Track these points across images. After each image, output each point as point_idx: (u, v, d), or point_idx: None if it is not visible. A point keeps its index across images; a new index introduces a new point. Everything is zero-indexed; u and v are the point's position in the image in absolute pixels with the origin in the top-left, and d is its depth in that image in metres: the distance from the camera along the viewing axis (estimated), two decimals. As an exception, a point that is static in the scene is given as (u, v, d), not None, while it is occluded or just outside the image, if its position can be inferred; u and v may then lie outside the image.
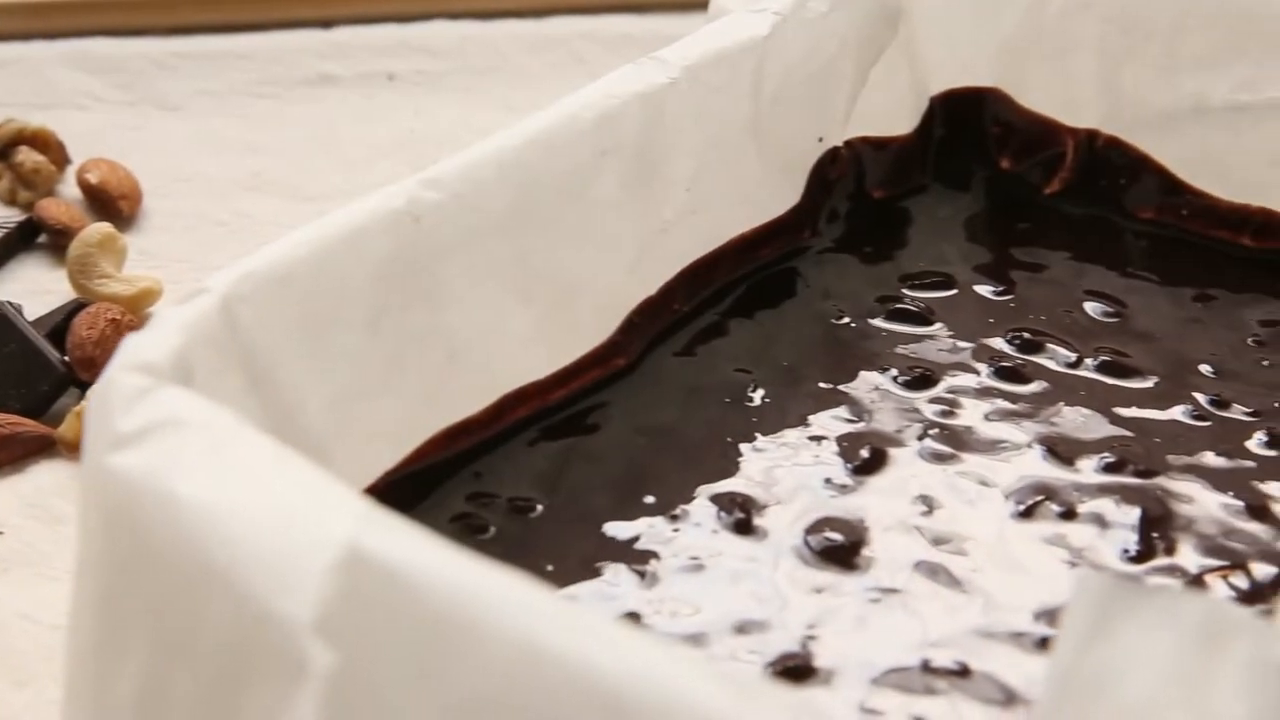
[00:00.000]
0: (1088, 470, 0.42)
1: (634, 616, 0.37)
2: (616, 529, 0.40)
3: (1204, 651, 0.27)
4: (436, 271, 0.40)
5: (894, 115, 0.52)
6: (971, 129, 0.53)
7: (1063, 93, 0.53)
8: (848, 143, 0.51)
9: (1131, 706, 0.27)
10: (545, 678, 0.26)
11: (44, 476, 0.47)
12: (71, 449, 0.48)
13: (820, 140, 0.49)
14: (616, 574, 0.39)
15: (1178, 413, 0.44)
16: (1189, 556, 0.40)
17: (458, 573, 0.27)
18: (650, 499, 0.41)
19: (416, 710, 0.27)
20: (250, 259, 0.36)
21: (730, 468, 0.42)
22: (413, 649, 0.27)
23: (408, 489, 0.40)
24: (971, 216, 0.53)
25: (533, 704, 0.26)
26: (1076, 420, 0.44)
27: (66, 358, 0.50)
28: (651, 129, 0.44)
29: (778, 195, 0.49)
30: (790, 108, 0.48)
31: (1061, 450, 0.43)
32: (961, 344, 0.47)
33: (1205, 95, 0.50)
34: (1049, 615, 0.38)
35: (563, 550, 0.39)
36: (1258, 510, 0.41)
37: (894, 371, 0.45)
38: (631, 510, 0.41)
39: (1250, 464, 0.43)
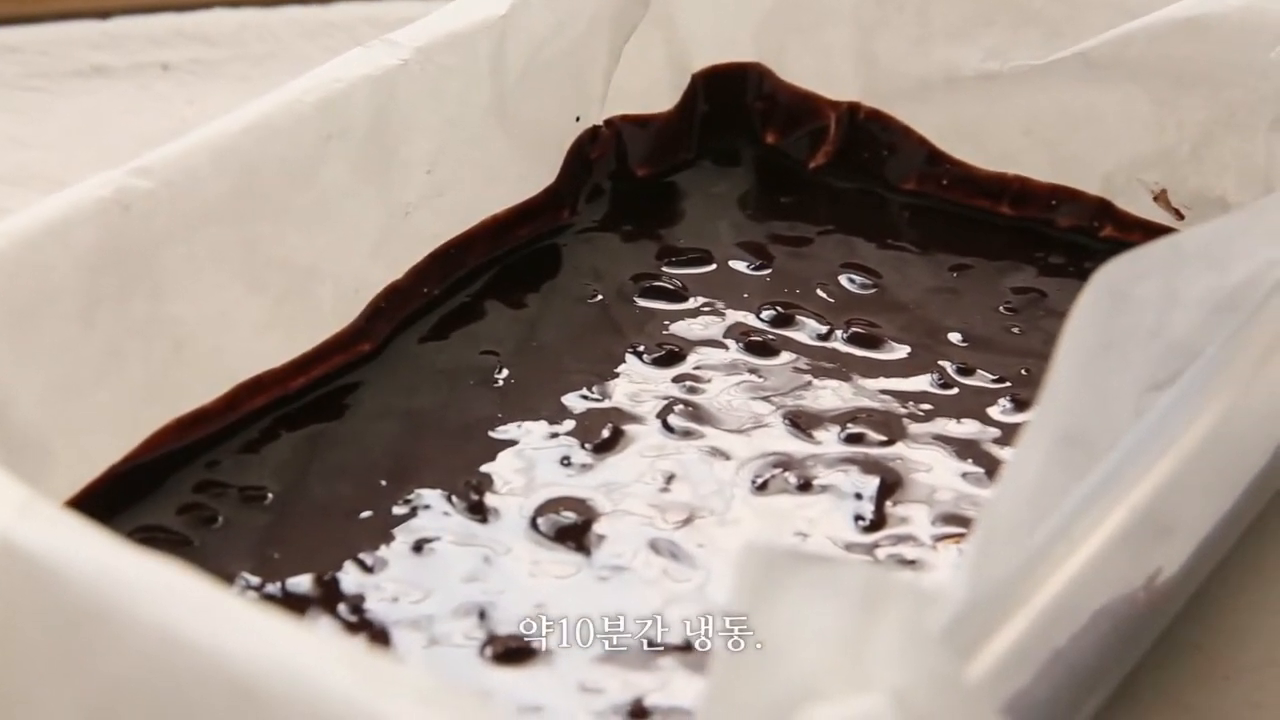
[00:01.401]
0: (829, 442, 0.42)
1: (357, 601, 0.37)
2: (350, 515, 0.40)
3: (863, 618, 0.27)
4: (153, 261, 0.39)
5: (655, 92, 0.52)
6: (735, 104, 0.53)
7: (823, 65, 0.53)
8: (608, 121, 0.51)
9: (795, 675, 0.27)
10: (180, 664, 0.26)
11: None
12: None
13: (578, 119, 0.49)
14: (343, 559, 0.38)
15: (924, 382, 0.44)
16: (923, 525, 0.40)
17: (104, 562, 0.27)
18: (385, 483, 0.40)
19: (56, 701, 0.26)
20: (-52, 254, 0.36)
21: (469, 450, 0.42)
22: (57, 640, 0.27)
23: (137, 481, 0.40)
24: (744, 192, 0.53)
25: (168, 690, 0.26)
26: (822, 393, 0.44)
27: None
28: (383, 112, 0.43)
29: (531, 175, 0.48)
30: (539, 87, 0.47)
31: (803, 423, 0.43)
32: (714, 320, 0.46)
33: (957, 65, 0.50)
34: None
35: (291, 538, 0.39)
36: (996, 476, 0.41)
37: (643, 348, 0.45)
38: (367, 495, 0.40)
39: (993, 430, 0.43)
